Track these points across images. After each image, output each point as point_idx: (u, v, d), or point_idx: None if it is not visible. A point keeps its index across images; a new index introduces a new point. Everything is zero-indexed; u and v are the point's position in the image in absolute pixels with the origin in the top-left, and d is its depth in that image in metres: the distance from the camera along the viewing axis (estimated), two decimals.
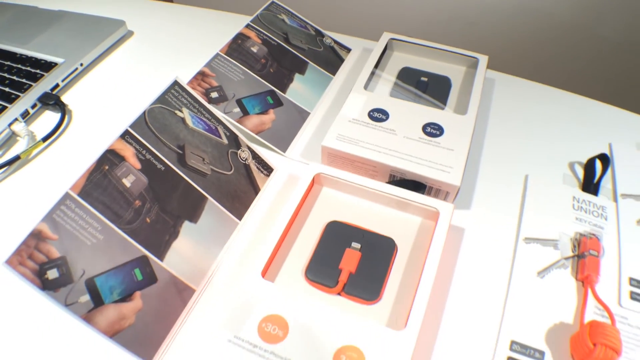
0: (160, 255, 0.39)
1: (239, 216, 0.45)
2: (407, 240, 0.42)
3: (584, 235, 0.44)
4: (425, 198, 0.42)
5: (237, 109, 0.52)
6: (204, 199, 0.43)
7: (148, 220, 0.39)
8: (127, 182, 0.39)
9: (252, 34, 0.60)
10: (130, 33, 0.72)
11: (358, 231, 0.42)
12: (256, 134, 0.52)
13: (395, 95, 0.55)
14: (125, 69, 0.65)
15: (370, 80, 0.57)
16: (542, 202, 0.48)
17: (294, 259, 0.41)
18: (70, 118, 0.58)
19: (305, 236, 0.42)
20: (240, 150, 0.48)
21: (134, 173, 0.40)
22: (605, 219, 0.46)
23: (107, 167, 0.38)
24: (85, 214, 0.36)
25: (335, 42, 0.67)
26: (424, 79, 0.57)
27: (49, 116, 0.59)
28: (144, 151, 0.41)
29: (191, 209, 0.42)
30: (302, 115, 0.56)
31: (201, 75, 0.54)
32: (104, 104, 0.60)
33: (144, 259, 0.38)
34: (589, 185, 0.49)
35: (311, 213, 0.44)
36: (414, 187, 0.45)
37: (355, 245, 0.40)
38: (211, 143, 0.46)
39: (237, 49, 0.58)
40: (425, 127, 0.49)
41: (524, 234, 0.45)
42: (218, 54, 0.56)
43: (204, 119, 0.46)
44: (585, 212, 0.47)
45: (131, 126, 0.41)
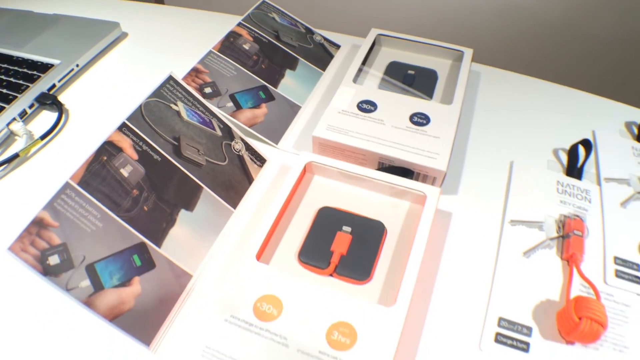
0: (158, 242, 0.40)
1: (234, 205, 0.47)
2: (396, 223, 0.43)
3: (568, 216, 0.46)
4: (413, 183, 0.44)
5: (231, 104, 0.54)
6: (200, 188, 0.45)
7: (146, 208, 0.41)
8: (125, 172, 0.41)
9: (244, 32, 0.62)
10: (124, 34, 0.73)
11: (349, 216, 0.43)
12: (249, 127, 0.53)
13: (383, 88, 0.57)
14: (121, 68, 0.67)
15: (359, 74, 0.59)
16: (527, 187, 0.49)
17: (287, 243, 0.42)
18: (67, 117, 0.59)
19: (297, 222, 0.44)
20: (233, 142, 0.49)
21: (132, 163, 0.41)
22: (589, 202, 0.48)
23: (106, 158, 0.40)
24: (84, 203, 0.38)
25: (325, 39, 0.69)
26: (411, 72, 0.59)
27: (46, 115, 0.60)
28: (140, 142, 0.42)
29: (187, 197, 0.43)
30: (294, 109, 0.58)
31: (195, 71, 0.55)
32: (100, 102, 0.61)
33: (142, 245, 0.39)
34: (573, 170, 0.51)
35: (303, 200, 0.45)
36: (402, 174, 0.46)
37: (346, 229, 0.42)
38: (205, 135, 0.47)
39: (230, 46, 0.59)
40: (412, 117, 0.50)
41: (509, 216, 0.46)
42: (211, 51, 0.58)
43: (198, 112, 0.48)
44: (570, 196, 0.48)
45: (128, 119, 0.42)
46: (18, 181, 0.51)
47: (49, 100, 0.59)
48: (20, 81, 0.62)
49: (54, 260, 0.35)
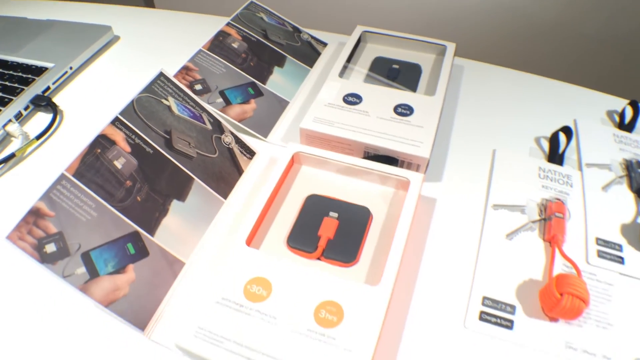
0: (151, 231, 0.42)
1: (224, 195, 0.48)
2: (382, 208, 0.45)
3: (550, 200, 0.47)
4: (397, 169, 0.45)
5: (220, 100, 0.56)
6: (191, 179, 0.46)
7: (139, 198, 0.42)
8: (119, 164, 0.42)
9: (233, 32, 0.64)
10: (116, 38, 0.75)
11: (335, 202, 0.45)
12: (239, 122, 0.55)
13: (368, 82, 0.58)
14: (113, 70, 0.69)
15: (345, 69, 0.60)
16: (510, 173, 0.50)
17: (276, 230, 0.43)
18: (61, 117, 0.61)
19: (286, 209, 0.45)
20: (223, 135, 0.51)
21: (125, 156, 0.43)
22: (571, 186, 0.49)
23: (99, 150, 0.41)
24: (80, 193, 0.39)
25: (312, 37, 0.70)
26: (396, 67, 0.60)
27: (41, 117, 0.62)
28: (133, 136, 0.44)
29: (179, 188, 0.45)
30: (282, 104, 0.59)
31: (185, 69, 0.57)
32: (93, 103, 0.63)
33: (136, 234, 0.41)
34: (554, 156, 0.52)
35: (291, 189, 0.47)
36: (387, 162, 0.48)
37: (333, 214, 0.43)
38: (196, 129, 0.49)
39: (219, 45, 0.61)
40: (396, 108, 0.52)
41: (492, 201, 0.48)
42: (201, 50, 0.59)
43: (189, 107, 0.49)
44: (551, 181, 0.49)
45: (121, 113, 0.44)
46: (14, 180, 0.53)
47: (43, 102, 0.61)
48: (16, 84, 0.63)
49: (50, 248, 0.36)
